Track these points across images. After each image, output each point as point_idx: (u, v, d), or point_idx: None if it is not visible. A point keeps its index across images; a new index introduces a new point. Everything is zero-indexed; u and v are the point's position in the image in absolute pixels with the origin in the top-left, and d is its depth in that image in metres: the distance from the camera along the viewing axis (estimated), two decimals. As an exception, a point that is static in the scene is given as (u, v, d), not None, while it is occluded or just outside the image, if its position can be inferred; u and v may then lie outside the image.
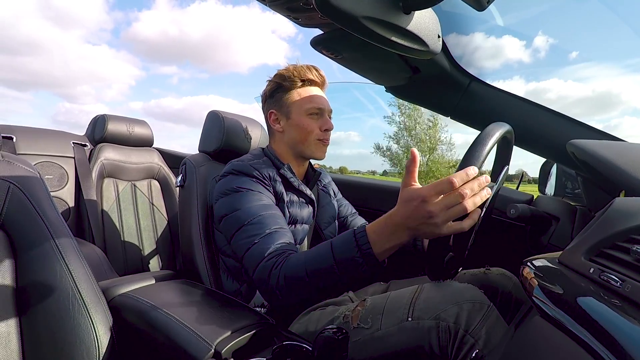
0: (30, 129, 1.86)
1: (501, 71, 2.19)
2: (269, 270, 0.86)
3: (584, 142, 0.85)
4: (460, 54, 1.05)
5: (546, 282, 0.59)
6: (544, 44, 6.17)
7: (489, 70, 1.35)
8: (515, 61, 6.67)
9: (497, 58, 1.56)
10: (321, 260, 0.81)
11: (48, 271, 0.71)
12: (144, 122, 2.17)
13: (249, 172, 1.07)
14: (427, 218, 0.69)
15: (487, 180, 0.70)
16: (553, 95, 55.49)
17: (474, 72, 1.09)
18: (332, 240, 0.84)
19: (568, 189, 1.46)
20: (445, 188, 0.67)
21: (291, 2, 0.74)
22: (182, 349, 0.69)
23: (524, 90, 54.26)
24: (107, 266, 1.45)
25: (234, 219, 0.99)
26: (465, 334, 0.80)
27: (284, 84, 1.15)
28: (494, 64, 1.86)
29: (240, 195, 1.03)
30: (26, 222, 0.72)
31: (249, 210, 0.99)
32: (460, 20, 1.02)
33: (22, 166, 0.77)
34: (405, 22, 0.67)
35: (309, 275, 0.81)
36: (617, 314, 0.44)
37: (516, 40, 5.47)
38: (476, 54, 1.20)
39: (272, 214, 1.00)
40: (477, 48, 1.19)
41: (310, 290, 0.83)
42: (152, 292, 0.89)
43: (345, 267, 0.78)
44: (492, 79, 1.08)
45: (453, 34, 1.02)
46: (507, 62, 6.37)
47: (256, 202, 1.01)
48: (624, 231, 0.54)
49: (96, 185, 1.86)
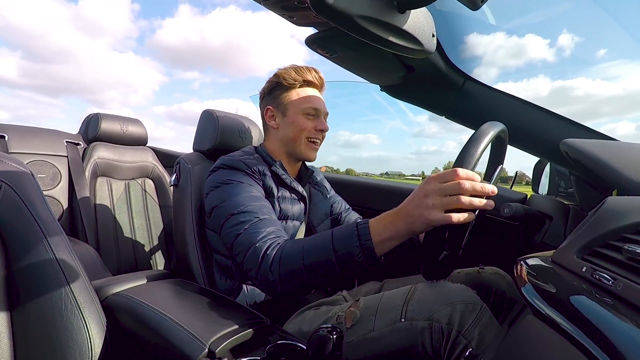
0: (22, 127, 1.85)
1: (525, 70, 2.18)
2: (261, 253, 0.87)
3: (577, 141, 0.85)
4: (482, 53, 1.05)
5: (539, 281, 0.59)
6: (569, 42, 6.15)
7: (512, 68, 1.36)
8: (539, 60, 6.65)
9: (519, 57, 1.56)
10: (320, 244, 0.83)
11: (40, 271, 0.71)
12: (138, 120, 2.16)
13: (238, 166, 1.08)
14: (422, 197, 0.73)
15: (493, 191, 0.72)
16: (581, 92, 55.88)
17: (497, 72, 1.09)
18: (333, 229, 0.86)
19: (561, 188, 1.47)
20: (448, 176, 0.70)
21: (286, 1, 0.74)
22: (176, 348, 0.69)
23: (549, 88, 54.20)
24: (100, 265, 1.44)
25: (223, 209, 1.00)
26: (458, 335, 0.81)
27: (284, 83, 1.16)
28: (518, 62, 1.89)
29: (230, 186, 1.04)
30: (18, 222, 0.71)
31: (238, 200, 0.99)
32: (455, 20, 1.02)
33: (15, 165, 0.76)
34: (400, 21, 0.67)
35: (304, 257, 0.83)
36: (609, 312, 0.45)
37: (539, 38, 5.49)
38: (498, 53, 1.20)
39: (261, 205, 1.00)
40: (500, 47, 1.20)
41: (303, 274, 0.83)
42: (146, 292, 0.88)
43: (343, 253, 0.80)
44: (516, 78, 1.09)
45: (474, 34, 1.02)
46: (531, 61, 6.29)
47: (246, 193, 1.02)
48: (616, 230, 0.55)
49: (89, 184, 1.85)
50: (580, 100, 55.92)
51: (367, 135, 61.28)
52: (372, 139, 61.53)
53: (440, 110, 1.18)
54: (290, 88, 1.17)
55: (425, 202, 0.72)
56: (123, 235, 1.92)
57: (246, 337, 0.73)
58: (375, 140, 62.36)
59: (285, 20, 0.83)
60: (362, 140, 60.65)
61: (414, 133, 67.84)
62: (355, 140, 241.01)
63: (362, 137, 59.82)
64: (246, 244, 0.90)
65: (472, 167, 0.73)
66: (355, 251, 0.79)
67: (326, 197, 1.37)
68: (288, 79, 1.16)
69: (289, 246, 0.86)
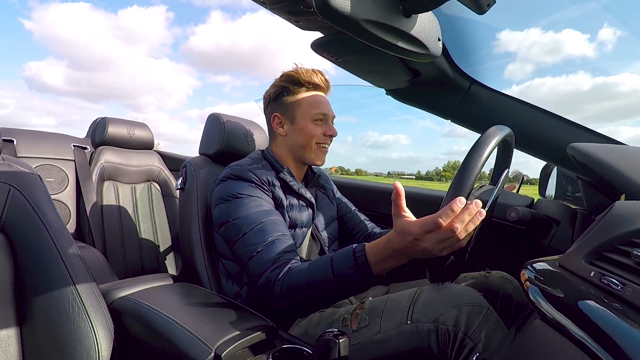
0: (30, 132, 1.86)
1: (562, 66, 2.19)
2: (273, 281, 0.90)
3: (585, 146, 0.85)
4: (515, 50, 1.04)
5: (547, 286, 0.59)
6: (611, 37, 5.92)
7: (549, 65, 1.33)
8: (577, 56, 6.50)
9: (556, 53, 1.54)
10: (321, 274, 0.87)
11: (48, 274, 0.71)
12: (145, 124, 2.17)
13: (247, 177, 1.07)
14: (423, 252, 0.74)
15: (477, 205, 0.71)
16: (625, 88, 55.38)
17: (531, 69, 1.08)
18: (332, 256, 0.89)
19: (568, 192, 1.46)
20: (432, 228, 0.70)
21: (292, 5, 0.74)
22: (182, 352, 0.69)
23: (590, 84, 53.10)
24: (107, 269, 1.45)
25: (235, 227, 1.01)
26: (464, 337, 0.80)
27: (290, 88, 1.15)
28: (554, 59, 1.85)
29: (240, 201, 1.03)
30: (26, 225, 0.72)
31: (249, 217, 1.00)
32: (461, 24, 1.02)
33: (23, 169, 0.77)
34: (406, 25, 0.67)
35: (309, 288, 0.87)
36: (617, 317, 0.44)
37: (578, 33, 5.33)
38: (533, 49, 1.18)
39: (273, 220, 1.01)
40: (534, 43, 1.17)
41: (309, 302, 0.89)
42: (153, 295, 0.88)
43: (344, 283, 0.84)
44: (554, 74, 1.08)
45: (506, 30, 1.01)
46: (569, 57, 6.09)
47: (256, 208, 1.02)
48: (625, 234, 0.54)
49: (96, 188, 1.86)
50: (626, 95, 55.34)
51: (396, 135, 61.32)
52: (402, 139, 61.68)
53: (446, 114, 1.17)
54: (296, 93, 1.15)
55: (431, 254, 0.74)
56: (130, 239, 1.93)
57: (252, 341, 0.73)
58: (404, 141, 62.41)
59: (291, 24, 0.84)
60: (392, 140, 60.67)
61: (444, 133, 67.02)
62: (384, 140, 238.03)
63: (392, 137, 59.87)
64: (259, 270, 0.94)
65: (476, 174, 0.74)
66: (357, 282, 0.84)
67: (332, 199, 1.36)
68: (294, 83, 1.15)
69: (295, 277, 0.89)
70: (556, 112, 1.02)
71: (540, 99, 34.39)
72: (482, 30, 1.09)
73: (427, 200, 1.70)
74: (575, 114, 36.98)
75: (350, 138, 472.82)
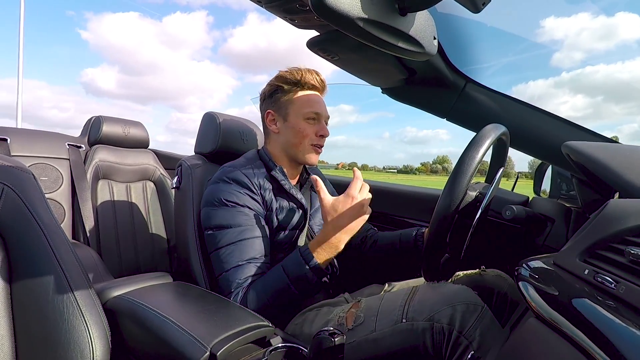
0: (24, 130, 1.85)
1: (615, 53, 2.10)
2: (238, 301, 0.97)
3: (579, 144, 0.85)
4: (562, 37, 1.03)
5: (541, 284, 0.59)
6: None
7: (601, 52, 1.31)
8: (634, 41, 6.25)
9: (609, 39, 1.49)
10: (278, 283, 0.97)
11: (42, 273, 0.71)
12: (140, 123, 2.16)
13: (239, 179, 1.08)
14: (361, 208, 1.00)
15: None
16: None
17: (581, 57, 1.08)
18: (282, 263, 1.01)
19: (563, 191, 1.47)
20: (357, 191, 1.02)
21: (287, 4, 0.74)
22: (178, 351, 0.68)
23: None
24: (102, 268, 1.44)
25: (213, 238, 1.05)
26: (459, 335, 0.80)
27: (285, 86, 1.15)
28: (607, 45, 1.82)
29: (224, 211, 1.05)
30: (20, 225, 0.71)
31: (228, 234, 1.03)
32: (456, 22, 1.02)
33: (17, 168, 0.76)
34: (401, 23, 0.67)
35: (271, 302, 0.96)
36: (611, 315, 0.45)
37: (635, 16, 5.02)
38: (582, 36, 1.17)
39: (250, 241, 1.03)
40: (583, 29, 1.17)
41: (279, 310, 0.98)
42: (147, 294, 0.88)
43: (300, 284, 0.97)
44: (607, 61, 1.07)
45: (552, 17, 1.01)
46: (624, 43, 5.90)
47: (238, 222, 1.04)
48: (618, 233, 0.55)
49: (91, 186, 1.85)
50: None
51: (435, 130, 60.73)
52: (442, 135, 61.09)
53: (441, 112, 1.17)
54: (291, 92, 1.15)
55: (363, 211, 1.01)
56: (125, 238, 1.92)
57: (248, 340, 0.73)
58: (444, 136, 61.86)
59: (287, 22, 0.83)
60: (431, 135, 60.50)
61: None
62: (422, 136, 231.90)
63: (431, 132, 59.49)
64: (225, 288, 1.00)
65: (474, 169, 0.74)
66: (311, 279, 0.97)
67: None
68: (289, 82, 1.14)
69: (253, 299, 0.96)
70: (611, 99, 1.03)
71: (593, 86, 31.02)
72: (477, 29, 1.09)
73: (428, 199, 1.71)
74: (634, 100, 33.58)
75: (388, 134, 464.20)
